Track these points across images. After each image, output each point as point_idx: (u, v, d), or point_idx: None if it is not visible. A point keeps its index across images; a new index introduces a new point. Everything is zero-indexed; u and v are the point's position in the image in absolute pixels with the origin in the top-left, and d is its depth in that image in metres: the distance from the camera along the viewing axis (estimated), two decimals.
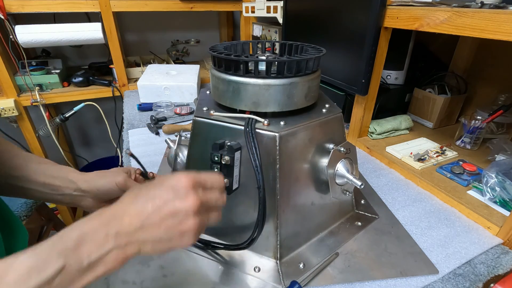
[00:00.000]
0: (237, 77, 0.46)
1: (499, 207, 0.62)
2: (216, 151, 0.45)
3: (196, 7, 1.35)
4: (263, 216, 0.45)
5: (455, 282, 0.49)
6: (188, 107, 1.12)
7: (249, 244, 0.47)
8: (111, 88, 1.37)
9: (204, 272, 0.50)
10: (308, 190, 0.52)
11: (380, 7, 0.69)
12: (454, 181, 0.70)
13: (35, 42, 1.15)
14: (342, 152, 0.51)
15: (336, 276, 0.49)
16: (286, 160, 0.46)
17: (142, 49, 1.73)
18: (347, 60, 0.83)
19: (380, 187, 0.72)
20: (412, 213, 0.64)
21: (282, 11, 1.11)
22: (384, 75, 1.03)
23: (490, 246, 0.55)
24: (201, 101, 0.55)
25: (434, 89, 0.98)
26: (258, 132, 0.45)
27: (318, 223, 0.56)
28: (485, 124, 0.81)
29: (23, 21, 1.19)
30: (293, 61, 0.45)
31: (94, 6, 1.19)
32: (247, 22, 1.53)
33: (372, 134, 0.91)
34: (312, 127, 0.49)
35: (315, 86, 0.51)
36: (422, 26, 0.62)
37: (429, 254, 0.53)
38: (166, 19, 1.72)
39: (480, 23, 0.51)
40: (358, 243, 0.55)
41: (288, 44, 0.56)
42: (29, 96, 1.24)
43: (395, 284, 0.48)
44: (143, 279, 0.48)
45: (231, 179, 0.45)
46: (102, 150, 1.90)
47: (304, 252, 0.53)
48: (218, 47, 0.52)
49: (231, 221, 0.52)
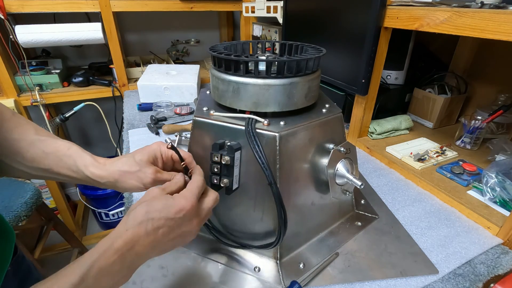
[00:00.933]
0: (237, 77, 0.46)
1: (499, 207, 0.62)
2: (216, 151, 0.45)
3: (196, 7, 1.35)
4: (282, 211, 0.43)
5: (455, 282, 0.49)
6: (188, 107, 1.12)
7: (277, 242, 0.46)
8: (111, 88, 1.37)
9: (204, 272, 0.50)
10: (308, 190, 0.52)
11: (380, 7, 0.69)
12: (454, 181, 0.70)
13: (35, 42, 1.15)
14: (342, 152, 0.51)
15: (336, 276, 0.49)
16: (286, 160, 0.46)
17: (142, 49, 1.73)
18: (347, 60, 0.83)
19: (380, 187, 0.72)
20: (412, 213, 0.64)
21: (282, 11, 1.11)
22: (384, 75, 1.03)
23: (490, 246, 0.55)
24: (201, 101, 0.55)
25: (434, 89, 0.98)
26: (258, 132, 0.45)
27: (318, 223, 0.56)
28: (485, 124, 0.81)
29: (23, 21, 1.19)
30: (293, 61, 0.45)
31: (94, 6, 1.19)
32: (247, 22, 1.53)
33: (372, 134, 0.91)
34: (312, 127, 0.49)
35: (315, 86, 0.51)
36: (422, 26, 0.62)
37: (429, 254, 0.53)
38: (166, 19, 1.72)
39: (480, 23, 0.51)
40: (358, 243, 0.56)
41: (288, 44, 0.56)
42: (29, 96, 1.24)
43: (395, 284, 0.48)
44: (143, 279, 0.48)
45: (231, 179, 0.45)
46: (102, 150, 1.90)
47: (304, 252, 0.53)
48: (218, 47, 0.52)
49: (231, 221, 0.52)
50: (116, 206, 1.64)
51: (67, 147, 0.43)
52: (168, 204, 0.35)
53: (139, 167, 0.42)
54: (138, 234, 0.33)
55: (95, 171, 0.42)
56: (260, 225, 0.50)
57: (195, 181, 0.39)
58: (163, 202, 0.35)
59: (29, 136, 0.42)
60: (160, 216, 0.34)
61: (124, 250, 0.32)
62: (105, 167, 0.42)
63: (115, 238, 0.32)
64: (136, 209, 0.34)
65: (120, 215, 1.72)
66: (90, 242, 1.67)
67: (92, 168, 0.42)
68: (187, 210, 0.35)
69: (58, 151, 0.43)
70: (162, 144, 0.45)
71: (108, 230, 1.75)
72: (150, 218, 0.33)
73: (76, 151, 0.43)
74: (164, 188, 0.38)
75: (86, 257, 0.31)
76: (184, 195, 0.36)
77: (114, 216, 1.71)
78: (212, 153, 0.45)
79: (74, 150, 0.43)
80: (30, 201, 1.03)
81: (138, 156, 0.43)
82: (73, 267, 0.30)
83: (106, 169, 0.42)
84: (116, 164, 0.43)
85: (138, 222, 0.33)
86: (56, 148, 0.43)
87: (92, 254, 0.31)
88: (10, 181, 1.10)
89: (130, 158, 0.43)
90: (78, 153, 0.43)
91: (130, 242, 0.32)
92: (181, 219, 0.35)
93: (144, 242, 0.33)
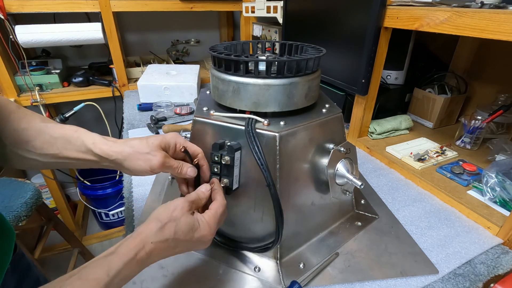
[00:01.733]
0: (237, 77, 0.46)
1: (499, 207, 0.62)
2: (216, 151, 0.45)
3: (196, 7, 1.35)
4: (279, 213, 0.44)
5: (455, 282, 0.49)
6: (188, 107, 1.12)
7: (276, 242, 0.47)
8: (111, 88, 1.37)
9: (204, 272, 0.50)
10: (308, 190, 0.52)
11: (380, 7, 0.69)
12: (454, 181, 0.70)
13: (35, 42, 1.15)
14: (342, 152, 0.51)
15: (336, 276, 0.49)
16: (286, 160, 0.46)
17: (142, 49, 1.73)
18: (347, 60, 0.83)
19: (380, 187, 0.72)
20: (412, 213, 0.64)
21: (282, 11, 1.11)
22: (384, 75, 1.03)
23: (490, 246, 0.55)
24: (201, 101, 0.55)
25: (434, 89, 0.98)
26: (258, 132, 0.45)
27: (318, 223, 0.56)
28: (485, 124, 0.81)
29: (23, 21, 1.19)
30: (293, 61, 0.45)
31: (94, 6, 1.19)
32: (247, 22, 1.53)
33: (372, 134, 0.91)
34: (312, 127, 0.49)
35: (315, 86, 0.51)
36: (422, 26, 0.62)
37: (429, 254, 0.53)
38: (166, 19, 1.72)
39: (480, 23, 0.51)
40: (358, 243, 0.55)
41: (288, 44, 0.56)
42: (29, 96, 1.24)
43: (395, 284, 0.48)
44: (143, 279, 0.48)
45: (231, 179, 0.45)
46: None
47: (304, 252, 0.53)
48: (218, 47, 0.52)
49: (231, 221, 0.52)
50: (116, 206, 1.64)
51: (74, 129, 0.44)
52: (194, 228, 0.38)
53: (150, 149, 0.42)
54: (160, 248, 0.35)
55: (104, 147, 0.42)
56: (260, 225, 0.50)
57: (219, 205, 0.42)
58: (190, 224, 0.37)
59: (36, 124, 0.43)
60: (184, 238, 0.37)
61: (144, 259, 0.34)
62: (115, 144, 0.43)
63: (139, 249, 0.33)
64: (166, 225, 0.36)
65: (120, 215, 1.72)
66: (90, 242, 1.67)
67: (101, 145, 0.42)
68: (208, 238, 0.39)
69: (66, 134, 0.43)
70: (178, 136, 0.46)
71: (108, 230, 1.76)
72: (176, 238, 0.36)
73: (83, 131, 0.44)
74: (193, 202, 0.40)
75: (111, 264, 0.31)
76: (209, 223, 0.39)
77: (114, 216, 1.71)
78: (212, 153, 0.45)
79: (81, 131, 0.44)
80: (30, 201, 1.03)
81: (151, 139, 0.43)
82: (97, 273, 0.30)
83: (117, 146, 0.42)
84: (127, 142, 0.43)
85: (164, 239, 0.35)
86: (63, 132, 0.43)
87: (117, 263, 0.32)
88: (10, 181, 1.10)
89: (142, 140, 0.43)
90: (85, 133, 0.44)
91: (150, 253, 0.34)
92: (200, 243, 0.39)
93: (162, 254, 0.36)
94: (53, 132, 0.43)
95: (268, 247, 0.48)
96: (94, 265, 0.31)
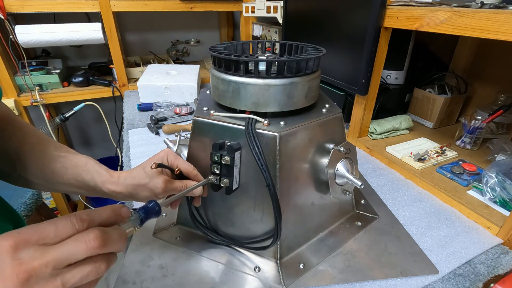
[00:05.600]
0: (237, 77, 0.46)
1: (499, 207, 0.62)
2: (216, 151, 0.45)
3: (196, 7, 1.35)
4: (278, 213, 0.44)
5: (455, 282, 0.49)
6: (188, 107, 1.12)
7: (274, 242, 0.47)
8: (111, 88, 1.37)
9: (204, 272, 0.50)
10: (308, 190, 0.52)
11: (380, 7, 0.69)
12: (454, 181, 0.70)
13: (35, 42, 1.15)
14: (342, 152, 0.51)
15: (336, 276, 0.49)
16: (286, 160, 0.46)
17: (142, 49, 1.73)
18: (347, 60, 0.83)
19: (380, 187, 0.72)
20: (412, 213, 0.64)
21: (282, 11, 1.11)
22: (384, 75, 1.03)
23: (490, 246, 0.55)
24: (201, 101, 0.55)
25: (434, 89, 0.98)
26: (258, 132, 0.45)
27: (318, 223, 0.56)
28: (485, 124, 0.81)
29: (23, 21, 1.19)
30: (293, 61, 0.45)
31: (94, 6, 1.19)
32: (247, 22, 1.53)
33: (372, 134, 0.91)
34: (312, 127, 0.49)
35: (315, 86, 0.51)
36: (422, 26, 0.62)
37: (429, 254, 0.53)
38: (166, 19, 1.72)
39: (480, 23, 0.51)
40: (358, 243, 0.55)
41: (288, 44, 0.56)
42: (29, 96, 1.24)
43: (395, 284, 0.48)
44: (143, 279, 0.48)
45: (231, 179, 0.45)
46: (102, 150, 1.90)
47: (304, 252, 0.53)
48: (218, 47, 0.52)
49: (231, 221, 0.52)
50: None
51: (85, 162, 0.46)
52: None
53: (149, 179, 0.43)
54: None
55: (111, 187, 0.44)
56: (260, 225, 0.50)
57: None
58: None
59: (50, 152, 0.45)
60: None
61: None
62: (119, 182, 0.44)
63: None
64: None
65: None
66: None
67: (108, 185, 0.44)
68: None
69: (77, 166, 0.45)
70: (169, 152, 0.47)
71: None
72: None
73: (93, 166, 0.45)
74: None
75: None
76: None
77: None
78: (212, 153, 0.45)
79: (91, 165, 0.45)
80: (30, 201, 1.03)
81: (147, 167, 0.44)
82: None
83: (120, 183, 0.44)
84: (128, 178, 0.44)
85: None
86: (75, 164, 0.45)
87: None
88: None
89: (140, 170, 0.44)
90: (95, 169, 0.45)
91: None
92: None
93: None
94: (65, 163, 0.45)
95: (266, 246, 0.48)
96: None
